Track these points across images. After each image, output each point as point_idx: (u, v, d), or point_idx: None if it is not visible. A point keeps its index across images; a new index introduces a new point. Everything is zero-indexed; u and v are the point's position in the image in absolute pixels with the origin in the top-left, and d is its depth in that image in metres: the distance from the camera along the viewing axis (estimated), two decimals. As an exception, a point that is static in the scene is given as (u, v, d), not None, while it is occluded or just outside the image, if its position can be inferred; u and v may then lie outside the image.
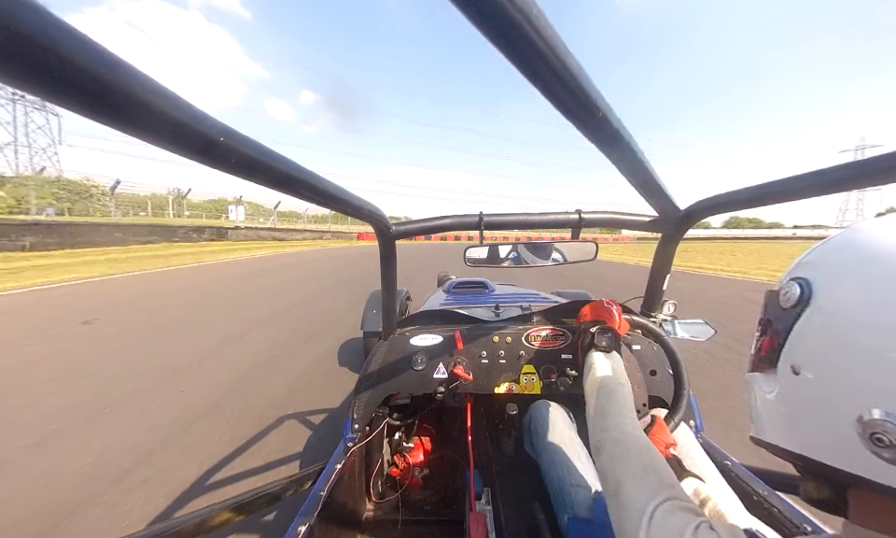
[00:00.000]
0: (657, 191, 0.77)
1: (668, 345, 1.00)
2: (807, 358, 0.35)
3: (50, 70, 0.21)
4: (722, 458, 0.94)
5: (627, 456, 0.53)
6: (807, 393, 0.35)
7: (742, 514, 0.64)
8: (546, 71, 0.31)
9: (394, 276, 1.12)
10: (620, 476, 0.51)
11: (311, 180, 0.50)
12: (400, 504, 1.31)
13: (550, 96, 0.35)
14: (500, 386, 1.18)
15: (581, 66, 0.33)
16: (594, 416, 0.65)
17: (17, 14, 0.19)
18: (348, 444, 1.08)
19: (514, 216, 1.02)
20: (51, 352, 3.58)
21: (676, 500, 0.44)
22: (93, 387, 2.86)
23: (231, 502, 0.85)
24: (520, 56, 0.30)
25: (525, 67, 0.31)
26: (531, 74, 0.32)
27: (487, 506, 0.93)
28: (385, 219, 0.91)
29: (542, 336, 1.20)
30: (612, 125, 0.44)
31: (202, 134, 0.32)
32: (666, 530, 0.41)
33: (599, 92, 0.37)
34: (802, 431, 0.36)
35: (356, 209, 0.70)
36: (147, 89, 0.26)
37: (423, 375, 1.18)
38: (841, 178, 0.55)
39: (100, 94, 0.24)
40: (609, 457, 0.55)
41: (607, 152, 0.51)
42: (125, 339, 4.03)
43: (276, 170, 0.42)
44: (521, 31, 0.27)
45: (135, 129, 0.28)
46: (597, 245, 1.29)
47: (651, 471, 0.49)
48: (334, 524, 0.96)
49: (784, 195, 0.67)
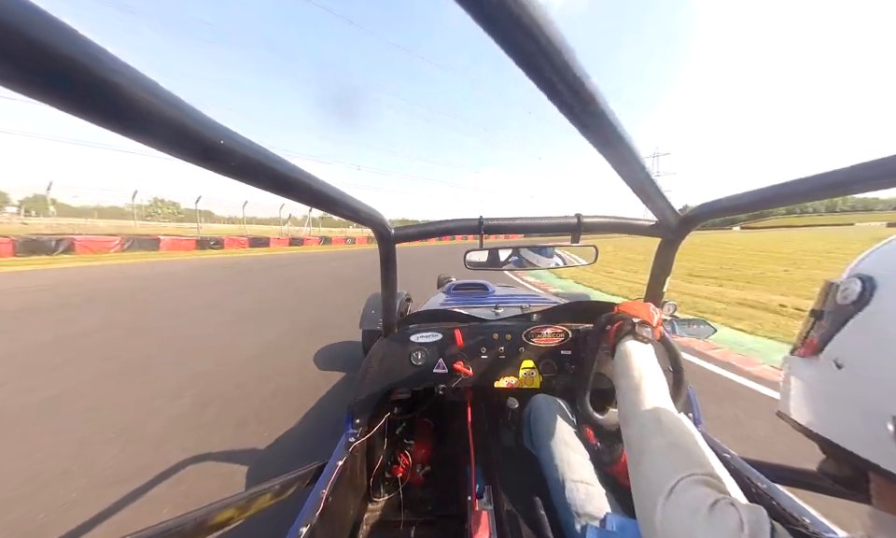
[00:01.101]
0: (656, 196, 0.78)
1: (668, 341, 1.01)
2: (855, 356, 0.35)
3: (50, 73, 0.21)
4: (721, 451, 0.94)
5: (658, 430, 0.53)
6: (847, 387, 0.35)
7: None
8: (547, 70, 0.32)
9: (394, 280, 1.13)
10: (646, 447, 0.51)
11: (312, 184, 0.49)
12: (402, 502, 1.31)
13: (550, 95, 0.35)
14: (500, 380, 1.19)
15: (583, 67, 0.33)
16: (626, 390, 0.65)
17: (15, 16, 0.19)
18: (349, 440, 1.08)
19: (514, 220, 1.03)
20: None
21: (695, 475, 0.43)
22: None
23: (231, 500, 0.84)
24: (521, 55, 0.30)
25: (527, 66, 0.31)
26: (533, 72, 0.32)
27: (489, 504, 0.93)
28: (386, 223, 0.92)
29: (542, 334, 1.21)
30: (612, 128, 0.44)
31: (203, 138, 0.31)
32: (683, 506, 0.40)
33: (600, 92, 0.37)
34: (834, 420, 0.36)
35: (356, 213, 0.71)
36: (149, 92, 0.26)
37: (423, 370, 1.19)
38: (850, 180, 0.53)
39: (100, 97, 0.24)
40: (640, 428, 0.56)
41: (606, 155, 0.52)
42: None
43: (277, 173, 0.42)
44: (523, 29, 0.27)
45: (136, 133, 0.28)
46: (597, 248, 1.30)
47: (678, 447, 0.49)
48: (336, 522, 0.95)
49: (788, 199, 0.66)
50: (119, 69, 0.24)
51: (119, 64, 0.24)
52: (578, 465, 0.91)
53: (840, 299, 0.37)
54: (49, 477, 1.89)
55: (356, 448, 1.08)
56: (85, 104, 0.24)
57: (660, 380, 0.67)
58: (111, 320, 5.21)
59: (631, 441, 0.56)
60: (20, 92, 0.21)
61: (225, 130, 0.33)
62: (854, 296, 0.36)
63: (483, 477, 1.07)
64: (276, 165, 0.41)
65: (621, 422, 0.63)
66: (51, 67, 0.21)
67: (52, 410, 2.61)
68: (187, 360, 3.63)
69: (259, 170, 0.39)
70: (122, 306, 6.21)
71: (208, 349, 3.94)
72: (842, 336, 0.36)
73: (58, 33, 0.21)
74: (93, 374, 3.27)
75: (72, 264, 13.18)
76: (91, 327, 4.84)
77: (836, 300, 0.38)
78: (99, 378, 3.17)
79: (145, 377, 3.20)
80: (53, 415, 2.55)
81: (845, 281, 0.38)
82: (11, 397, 2.79)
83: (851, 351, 0.35)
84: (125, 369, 3.40)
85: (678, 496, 0.42)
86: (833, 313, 0.38)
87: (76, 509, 1.66)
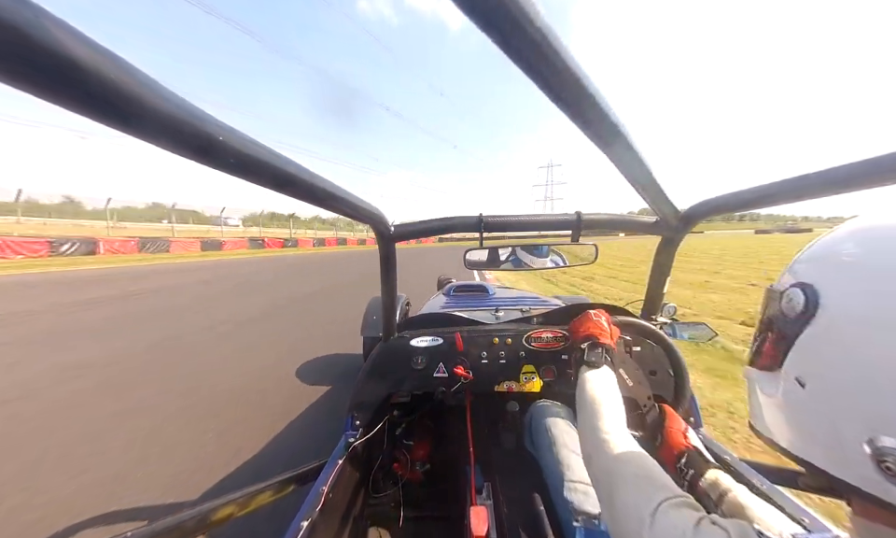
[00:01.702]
0: (657, 193, 0.78)
1: (669, 345, 1.01)
2: (815, 372, 0.33)
3: (49, 69, 0.21)
4: (721, 452, 0.94)
5: (617, 464, 0.53)
6: (814, 406, 0.33)
7: (762, 505, 0.61)
8: (546, 68, 0.32)
9: (394, 279, 1.13)
10: (615, 481, 0.50)
11: (311, 180, 0.49)
12: (402, 500, 1.31)
13: (549, 94, 0.35)
14: (500, 384, 1.19)
15: (581, 64, 0.33)
16: (582, 430, 0.65)
17: (14, 13, 0.19)
18: (349, 440, 1.08)
19: (514, 217, 1.03)
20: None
21: (672, 499, 0.43)
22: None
23: (231, 497, 0.85)
24: (519, 52, 0.30)
25: (525, 64, 0.31)
26: (531, 70, 0.32)
27: (488, 500, 0.93)
28: (386, 221, 0.92)
29: (542, 338, 1.21)
30: (612, 124, 0.44)
31: (202, 134, 0.31)
32: (668, 531, 0.40)
33: (599, 89, 0.37)
34: (805, 439, 0.35)
35: (355, 210, 0.71)
36: (148, 88, 0.26)
37: (423, 374, 1.19)
38: (851, 177, 0.52)
39: (99, 93, 0.24)
40: (600, 467, 0.55)
41: (606, 152, 0.52)
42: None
43: (276, 170, 0.42)
44: (520, 27, 0.27)
45: (135, 128, 0.28)
46: (597, 247, 1.30)
47: (643, 477, 0.48)
48: (336, 520, 0.96)
49: (788, 196, 0.65)
50: (122, 67, 0.24)
51: (122, 63, 0.25)
52: (577, 467, 0.91)
53: (786, 310, 0.36)
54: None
55: (355, 448, 1.08)
56: (85, 102, 0.24)
57: (614, 406, 0.66)
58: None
59: (599, 477, 0.55)
60: (21, 88, 0.22)
61: (224, 126, 0.34)
62: (799, 308, 0.34)
63: (482, 476, 1.07)
64: (276, 162, 0.41)
65: (584, 461, 0.61)
66: (52, 65, 0.21)
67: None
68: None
69: (258, 166, 0.39)
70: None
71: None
72: (797, 351, 0.35)
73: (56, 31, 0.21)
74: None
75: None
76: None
77: (783, 311, 0.36)
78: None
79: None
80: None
81: (788, 292, 0.36)
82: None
83: (810, 368, 0.33)
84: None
85: (659, 523, 0.41)
86: (782, 325, 0.37)
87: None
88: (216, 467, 1.96)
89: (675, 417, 0.83)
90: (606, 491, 0.51)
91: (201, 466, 1.97)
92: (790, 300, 0.36)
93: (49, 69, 0.21)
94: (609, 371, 0.78)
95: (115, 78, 0.24)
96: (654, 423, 0.97)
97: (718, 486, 0.66)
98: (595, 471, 0.57)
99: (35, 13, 0.20)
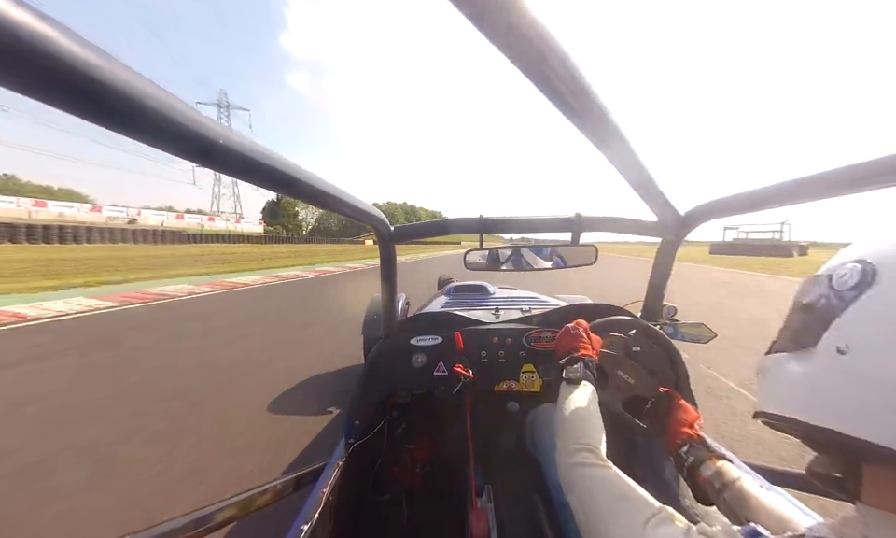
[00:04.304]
0: (656, 195, 0.78)
1: (668, 344, 1.01)
2: (860, 339, 0.34)
3: (56, 75, 0.22)
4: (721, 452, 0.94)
5: (595, 489, 0.52)
6: (850, 371, 0.34)
7: (767, 495, 0.60)
8: (544, 68, 0.32)
9: (394, 279, 1.13)
10: (599, 506, 0.50)
11: (310, 182, 0.50)
12: (402, 500, 1.31)
13: (548, 93, 0.35)
14: (500, 384, 1.19)
15: (578, 65, 0.33)
16: (561, 451, 0.63)
17: (16, 17, 0.19)
18: (349, 441, 1.08)
19: (513, 219, 1.04)
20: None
21: (656, 515, 0.43)
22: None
23: (231, 500, 0.85)
24: (517, 53, 0.30)
25: (523, 64, 0.31)
26: (532, 74, 0.32)
27: (489, 503, 0.93)
28: (386, 222, 0.92)
29: (542, 338, 1.21)
30: (612, 125, 0.44)
31: (202, 138, 0.33)
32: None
33: (598, 90, 0.37)
34: (832, 405, 0.35)
35: (355, 211, 0.71)
36: (150, 95, 0.27)
37: (423, 373, 1.19)
38: (852, 179, 0.52)
39: (104, 100, 0.25)
40: (578, 496, 0.54)
41: (606, 153, 0.52)
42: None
43: (276, 171, 0.43)
44: (521, 33, 0.27)
45: (139, 133, 0.29)
46: (597, 248, 1.30)
47: (621, 498, 0.48)
48: (336, 520, 0.95)
49: (789, 198, 0.65)
50: (124, 74, 0.25)
51: (127, 71, 0.25)
52: None
53: (838, 284, 0.37)
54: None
55: (356, 449, 1.08)
56: (90, 108, 0.25)
57: (592, 425, 0.64)
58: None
59: (576, 508, 0.54)
60: (20, 93, 0.22)
61: (224, 129, 0.35)
62: (854, 280, 0.36)
63: (483, 477, 1.07)
64: (276, 164, 0.42)
65: (564, 490, 0.59)
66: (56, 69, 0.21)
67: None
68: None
69: (258, 168, 0.40)
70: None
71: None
72: (843, 321, 0.36)
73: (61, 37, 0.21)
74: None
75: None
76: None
77: (833, 287, 0.38)
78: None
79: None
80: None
81: (841, 268, 0.38)
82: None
83: (855, 334, 0.35)
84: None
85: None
86: (829, 299, 0.38)
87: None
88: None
89: (685, 407, 0.82)
90: (584, 516, 0.51)
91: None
92: (843, 275, 0.37)
93: (56, 74, 0.22)
94: (586, 386, 0.74)
95: (122, 86, 0.25)
96: (664, 413, 0.96)
97: (722, 475, 0.65)
98: (574, 497, 0.55)
99: (34, 16, 0.20)
